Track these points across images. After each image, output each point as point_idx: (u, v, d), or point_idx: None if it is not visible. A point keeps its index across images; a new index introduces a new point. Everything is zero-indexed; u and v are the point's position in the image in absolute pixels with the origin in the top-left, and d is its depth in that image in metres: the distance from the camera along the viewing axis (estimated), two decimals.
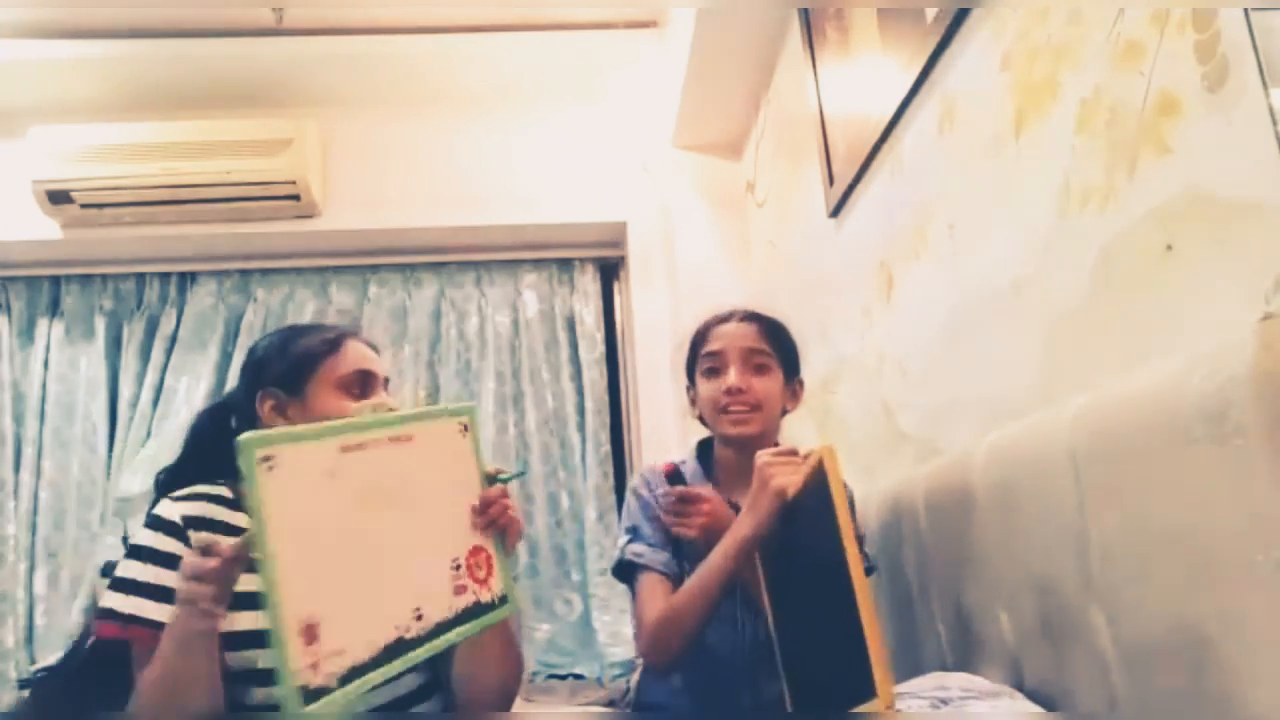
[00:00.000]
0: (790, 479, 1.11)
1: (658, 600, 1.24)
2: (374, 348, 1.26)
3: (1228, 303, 0.78)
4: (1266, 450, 0.63)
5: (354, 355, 1.20)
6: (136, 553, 1.06)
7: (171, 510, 1.10)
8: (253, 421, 1.16)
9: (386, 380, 1.24)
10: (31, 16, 2.47)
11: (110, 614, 1.03)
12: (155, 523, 1.09)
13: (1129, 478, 0.78)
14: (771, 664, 1.18)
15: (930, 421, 1.42)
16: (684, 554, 1.29)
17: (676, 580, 1.26)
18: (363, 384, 1.19)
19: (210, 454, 1.18)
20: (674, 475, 1.36)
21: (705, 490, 1.31)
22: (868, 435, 1.70)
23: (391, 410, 1.13)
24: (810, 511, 1.08)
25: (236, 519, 1.11)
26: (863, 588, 0.93)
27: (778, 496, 1.11)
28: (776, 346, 1.35)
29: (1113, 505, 0.81)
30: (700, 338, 1.38)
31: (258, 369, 1.20)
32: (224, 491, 1.14)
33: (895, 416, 1.57)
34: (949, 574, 1.18)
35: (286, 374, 1.17)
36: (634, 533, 1.33)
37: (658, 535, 1.31)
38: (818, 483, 1.06)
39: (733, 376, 1.30)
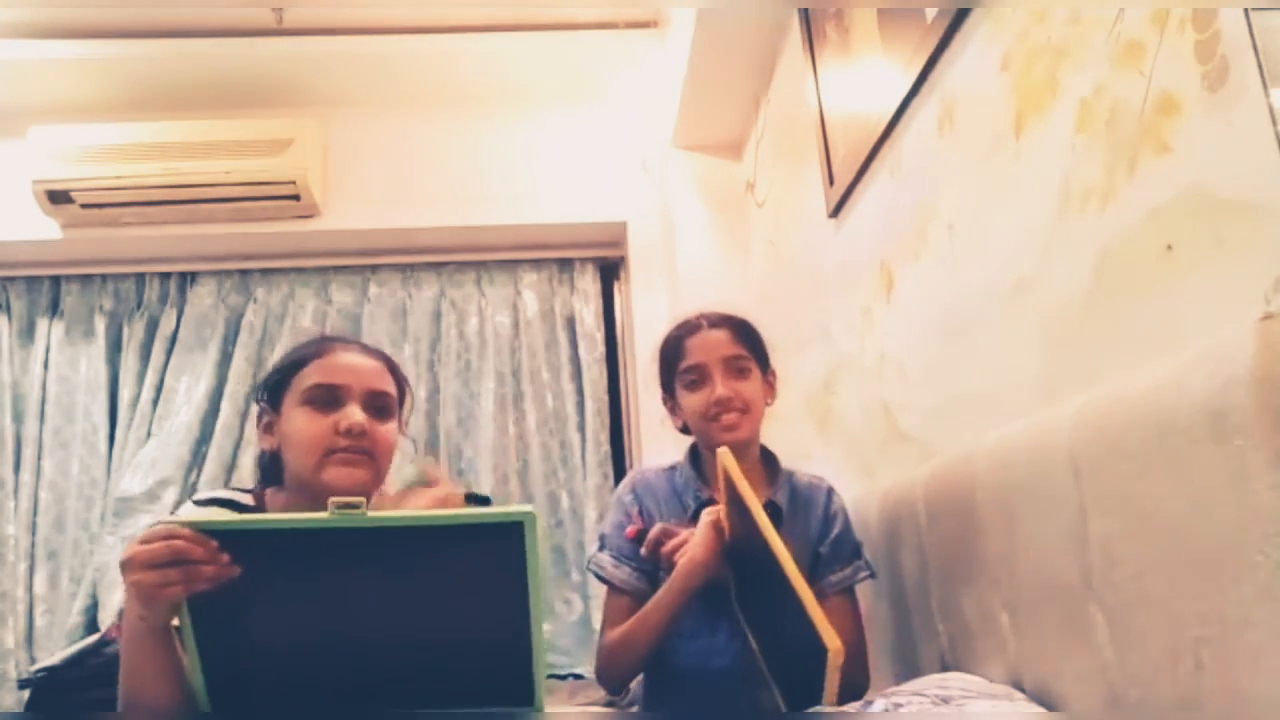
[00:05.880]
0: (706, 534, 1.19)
1: (613, 623, 1.28)
2: (382, 357, 1.17)
3: (1228, 303, 0.77)
4: (1266, 450, 0.63)
5: (324, 367, 1.11)
6: None
7: (192, 516, 1.09)
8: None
9: (380, 394, 1.13)
10: (31, 16, 2.47)
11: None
12: None
13: (1129, 478, 0.78)
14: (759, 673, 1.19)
15: (930, 421, 1.42)
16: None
17: (639, 594, 1.28)
18: (332, 397, 1.09)
19: None
20: (639, 536, 1.32)
21: (668, 526, 1.29)
22: (868, 435, 1.70)
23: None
24: (740, 517, 1.13)
25: None
26: (784, 555, 1.00)
27: (706, 545, 1.19)
28: (751, 347, 1.35)
29: (1113, 505, 0.81)
30: (674, 352, 1.36)
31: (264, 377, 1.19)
32: (245, 499, 1.13)
33: (895, 416, 1.56)
34: (949, 574, 1.18)
35: (270, 385, 1.15)
36: (603, 541, 1.36)
37: (626, 548, 1.32)
38: (728, 487, 1.13)
39: (719, 387, 1.30)
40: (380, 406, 1.13)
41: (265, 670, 0.88)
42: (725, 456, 1.16)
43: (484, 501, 1.22)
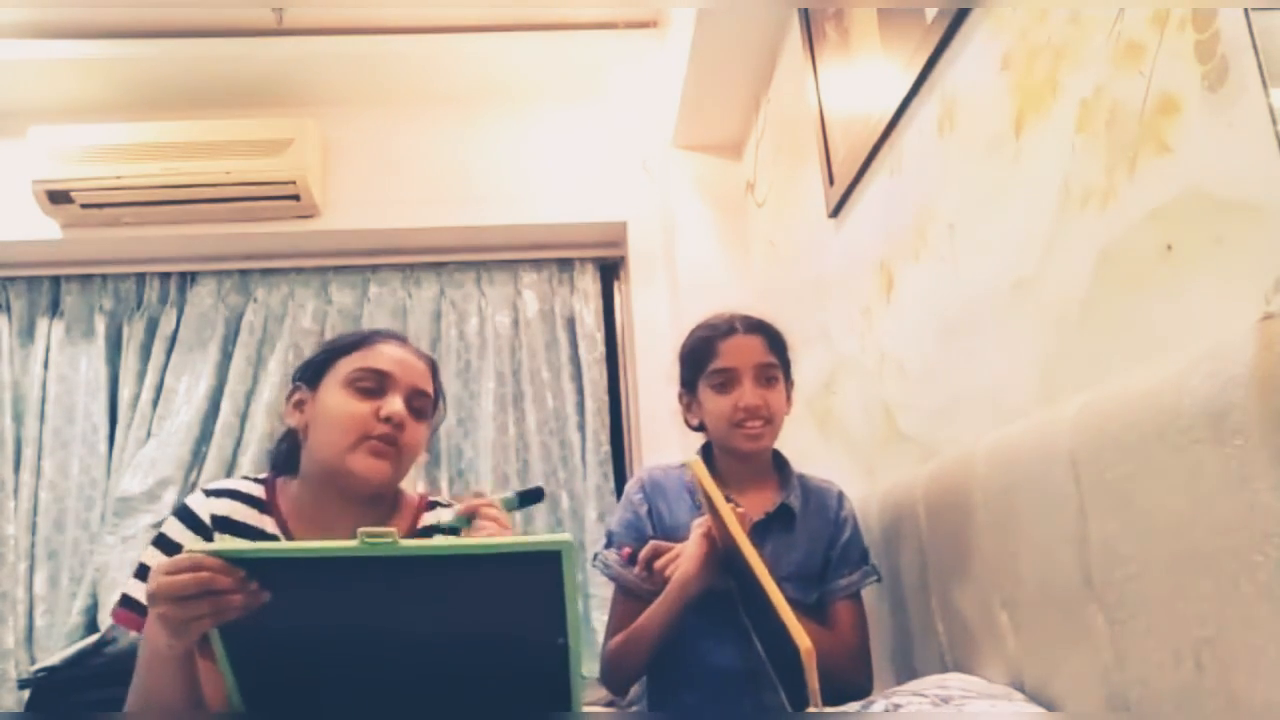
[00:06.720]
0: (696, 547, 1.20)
1: (617, 627, 1.29)
2: (429, 360, 1.18)
3: (1228, 303, 0.78)
4: (1266, 450, 0.63)
5: (374, 354, 1.12)
6: (161, 541, 1.07)
7: (202, 506, 1.10)
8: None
9: (422, 393, 1.14)
10: (31, 16, 2.47)
11: (126, 601, 1.04)
12: (184, 514, 1.09)
13: (1129, 478, 0.78)
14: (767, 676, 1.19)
15: (930, 421, 1.42)
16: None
17: (645, 594, 1.28)
18: (377, 384, 1.10)
19: None
20: (631, 557, 1.33)
21: (661, 544, 1.29)
22: (868, 435, 1.70)
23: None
24: (720, 524, 1.13)
25: (264, 522, 1.10)
26: (754, 559, 1.01)
27: (699, 558, 1.20)
28: (781, 356, 1.35)
29: (1113, 505, 0.81)
30: (705, 352, 1.34)
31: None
32: (256, 490, 1.13)
33: (895, 416, 1.56)
34: (949, 574, 1.18)
35: (312, 366, 1.15)
36: (610, 538, 1.37)
37: (633, 547, 1.32)
38: (704, 496, 1.13)
39: (749, 395, 1.29)
40: (419, 407, 1.13)
41: (298, 686, 0.88)
42: (696, 465, 1.16)
43: (537, 494, 1.22)
